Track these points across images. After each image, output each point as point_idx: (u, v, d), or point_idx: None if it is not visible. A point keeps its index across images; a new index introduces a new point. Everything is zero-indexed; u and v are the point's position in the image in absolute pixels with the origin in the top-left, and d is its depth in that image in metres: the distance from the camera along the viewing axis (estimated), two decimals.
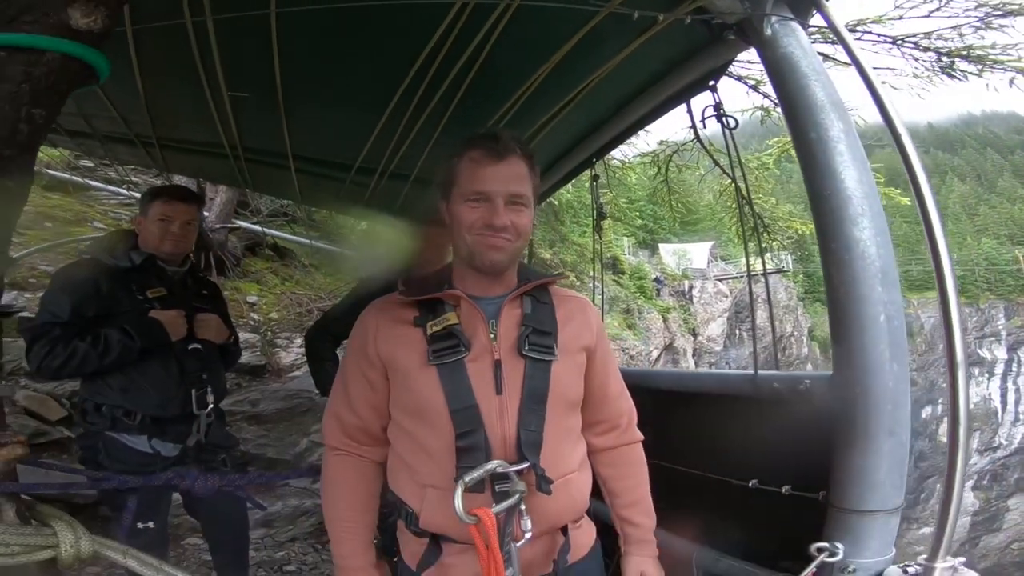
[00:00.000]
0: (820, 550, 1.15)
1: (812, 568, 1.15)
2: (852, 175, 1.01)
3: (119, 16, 0.91)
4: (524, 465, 1.08)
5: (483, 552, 1.02)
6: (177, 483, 1.84)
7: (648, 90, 1.83)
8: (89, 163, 5.98)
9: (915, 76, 4.79)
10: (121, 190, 6.07)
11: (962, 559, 1.11)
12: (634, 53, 1.59)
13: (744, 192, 1.65)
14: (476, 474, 1.04)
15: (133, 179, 6.44)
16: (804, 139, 1.07)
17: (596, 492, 1.30)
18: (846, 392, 1.08)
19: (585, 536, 1.26)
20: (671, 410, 1.82)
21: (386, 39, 1.67)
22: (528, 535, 1.07)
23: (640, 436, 1.35)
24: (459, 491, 1.01)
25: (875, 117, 1.12)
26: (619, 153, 6.46)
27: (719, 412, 1.65)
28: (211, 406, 2.19)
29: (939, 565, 1.06)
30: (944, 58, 4.60)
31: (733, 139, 1.56)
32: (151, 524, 1.98)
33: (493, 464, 1.06)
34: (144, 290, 2.08)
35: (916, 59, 4.72)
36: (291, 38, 1.67)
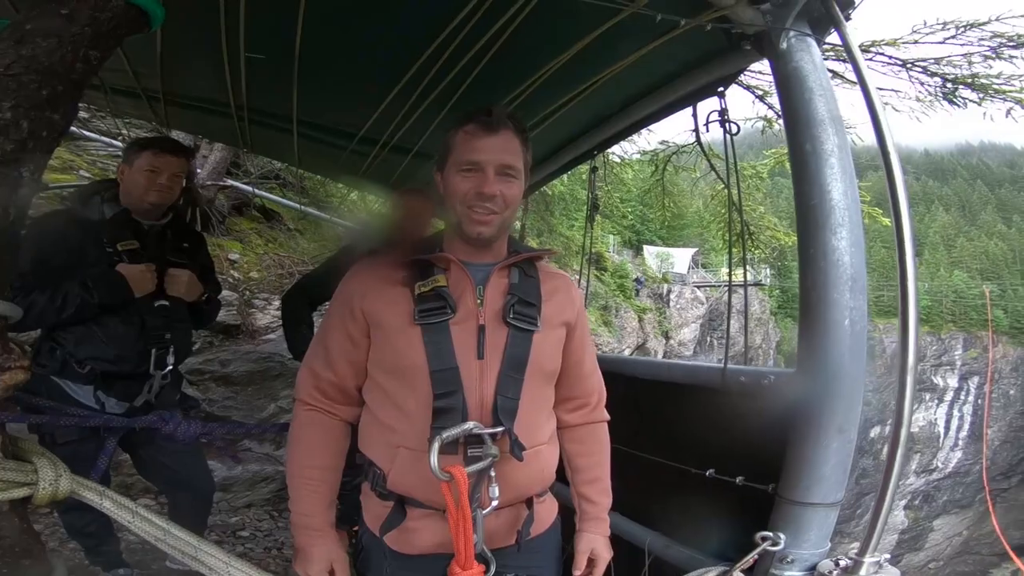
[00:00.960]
0: (763, 539, 1.22)
1: (753, 556, 1.23)
2: (839, 188, 1.10)
3: None
4: (500, 429, 1.11)
5: (452, 511, 1.04)
6: (160, 426, 1.85)
7: (657, 90, 1.88)
8: (83, 113, 5.83)
9: (918, 99, 4.83)
10: (115, 141, 5.93)
11: (887, 555, 1.20)
12: (649, 53, 1.63)
13: (735, 198, 1.73)
14: (453, 432, 1.06)
15: (124, 132, 6.30)
16: (800, 149, 1.16)
17: (560, 475, 1.34)
18: (806, 389, 1.17)
19: (547, 512, 1.30)
20: (640, 398, 1.89)
21: (410, 14, 1.69)
22: (495, 502, 1.10)
23: (607, 416, 1.40)
24: (435, 446, 1.02)
25: (867, 143, 1.19)
26: (618, 149, 6.51)
27: (686, 402, 1.72)
28: (169, 367, 2.14)
29: (867, 560, 1.15)
30: (949, 84, 4.64)
31: (732, 144, 1.63)
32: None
33: (470, 425, 1.08)
34: (115, 242, 2.01)
35: (922, 83, 4.75)
36: (318, 4, 1.69)
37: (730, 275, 2.01)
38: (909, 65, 4.67)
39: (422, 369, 1.12)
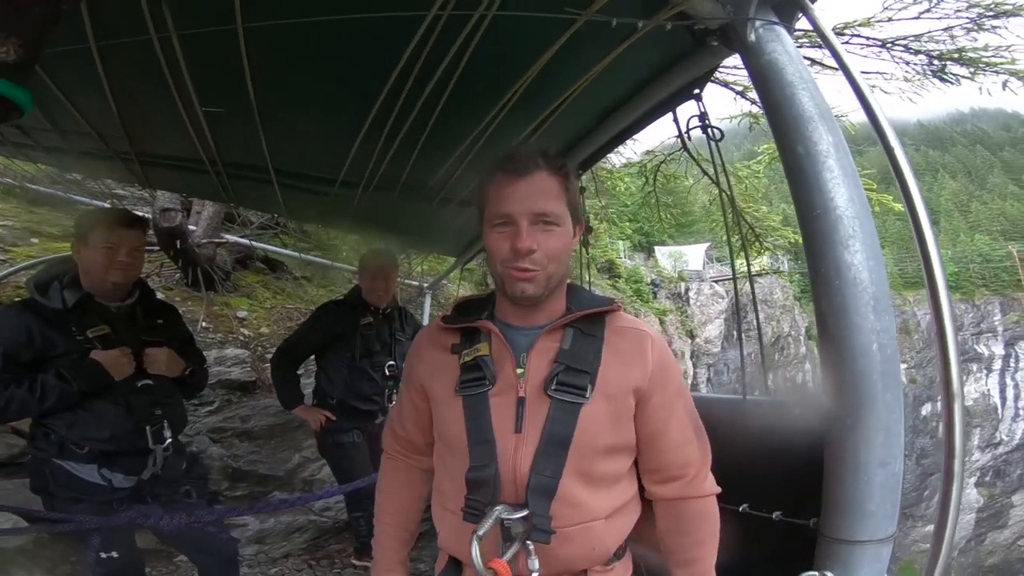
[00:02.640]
0: None
1: None
2: (842, 193, 0.95)
3: (41, 44, 0.83)
4: (523, 513, 1.03)
5: None
6: (141, 522, 1.79)
7: (632, 99, 1.78)
8: (74, 176, 5.91)
9: (906, 79, 4.73)
10: (106, 204, 6.00)
11: None
12: (616, 61, 1.55)
13: (732, 202, 1.59)
14: (486, 525, 1.01)
15: (120, 192, 6.38)
16: (791, 153, 1.02)
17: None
18: (836, 422, 1.02)
19: None
20: None
21: (359, 52, 1.62)
22: (535, 575, 1.03)
23: (713, 489, 1.18)
24: (475, 545, 0.99)
25: (865, 119, 1.07)
26: (606, 162, 6.41)
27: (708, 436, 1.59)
28: (168, 440, 2.10)
29: None
30: (936, 61, 4.54)
31: (719, 150, 1.50)
32: (114, 554, 1.93)
33: (498, 510, 1.03)
34: (84, 329, 1.97)
35: (907, 62, 4.66)
36: (261, 52, 1.62)
37: (735, 284, 1.85)
38: (888, 45, 4.56)
39: (462, 440, 1.10)
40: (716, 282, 27.50)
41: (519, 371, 1.10)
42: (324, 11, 1.36)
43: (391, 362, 3.13)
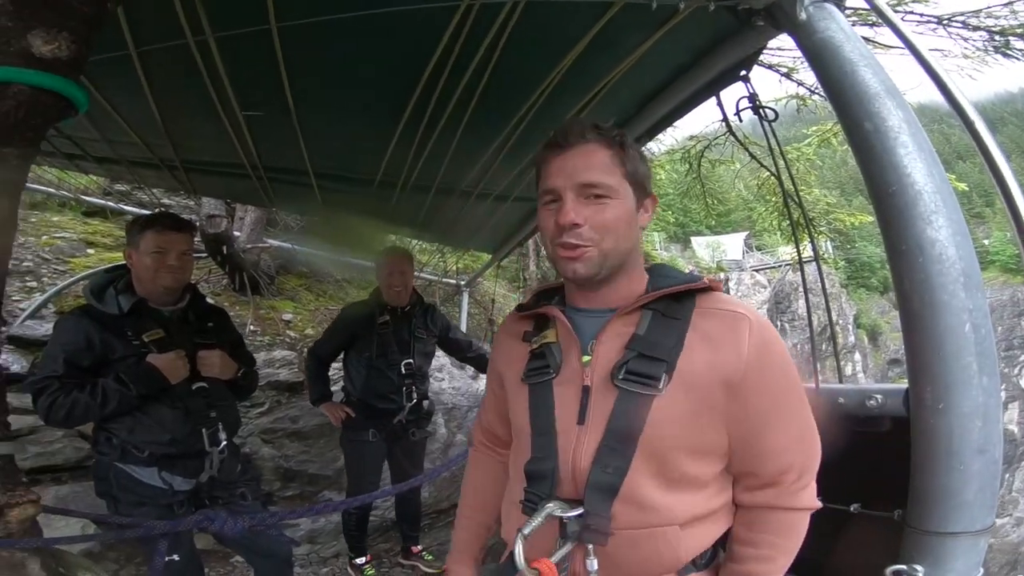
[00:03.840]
0: (897, 573, 1.04)
1: None
2: (920, 168, 0.87)
3: (91, 42, 0.84)
4: (577, 512, 0.94)
5: None
6: (206, 526, 1.81)
7: (674, 84, 1.72)
8: (123, 187, 6.14)
9: (965, 57, 4.44)
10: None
11: None
12: (656, 45, 1.49)
13: (791, 186, 1.51)
14: (535, 523, 0.95)
15: (165, 201, 6.61)
16: (859, 130, 0.94)
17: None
18: (926, 408, 0.95)
19: None
20: None
21: (393, 48, 1.60)
22: (560, 553, 0.95)
23: (812, 503, 1.00)
24: (519, 543, 0.94)
25: (921, 100, 0.99)
26: (647, 150, 6.28)
27: None
28: (224, 442, 2.13)
29: None
30: (998, 37, 4.25)
31: (773, 132, 1.42)
32: (175, 557, 1.97)
33: (549, 507, 0.95)
34: (140, 334, 2.00)
35: (965, 39, 4.37)
36: (296, 53, 1.62)
37: (802, 270, 1.76)
38: (945, 21, 4.28)
39: (527, 430, 1.06)
40: (757, 271, 26.77)
41: (585, 359, 1.01)
42: (356, 7, 1.35)
43: (408, 360, 3.13)
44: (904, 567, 1.02)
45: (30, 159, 0.89)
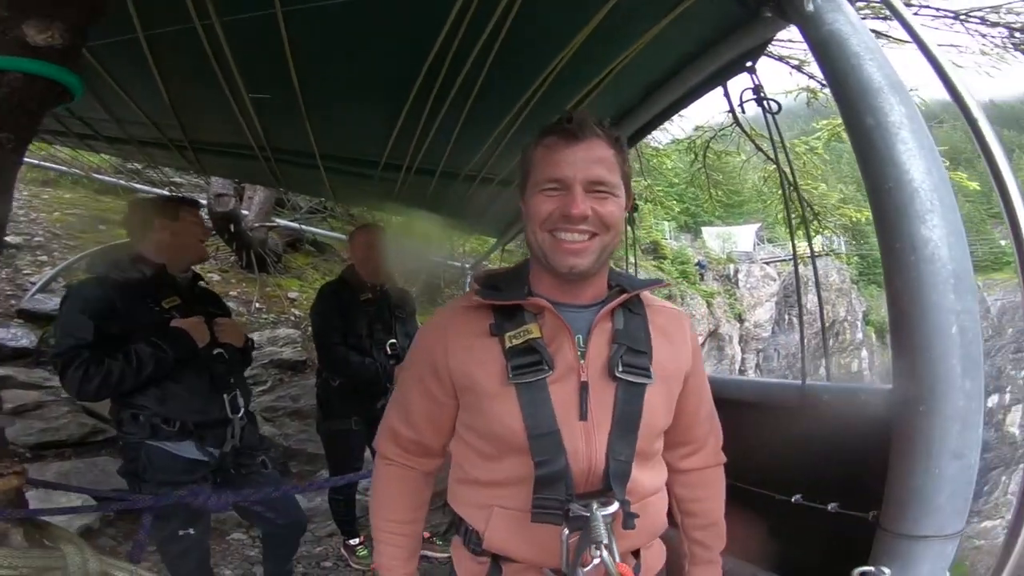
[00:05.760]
0: (864, 575, 1.05)
1: None
2: (919, 165, 0.86)
3: (85, 30, 0.85)
4: (615, 507, 0.97)
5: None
6: (190, 501, 1.82)
7: (680, 73, 1.69)
8: (137, 165, 6.19)
9: (983, 53, 4.34)
10: (164, 192, 6.28)
11: None
12: (662, 34, 1.47)
13: (790, 179, 1.49)
14: (600, 530, 0.94)
15: (177, 180, 6.65)
16: (860, 126, 0.93)
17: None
18: (906, 409, 0.95)
19: (655, 558, 1.16)
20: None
21: (396, 33, 1.60)
22: (596, 560, 0.96)
23: (723, 458, 1.24)
24: (604, 554, 0.94)
25: (933, 96, 0.98)
26: (652, 139, 6.20)
27: (762, 422, 1.52)
28: (243, 409, 2.17)
29: None
30: (1017, 33, 4.14)
31: (776, 125, 1.41)
32: (191, 531, 1.98)
33: (595, 509, 0.95)
34: (159, 301, 2.04)
35: (983, 35, 4.27)
36: (302, 36, 1.62)
37: (795, 264, 1.75)
38: (963, 16, 4.17)
39: (519, 434, 0.99)
40: (767, 264, 26.56)
41: (579, 353, 1.01)
42: None
43: (392, 340, 3.02)
44: (871, 569, 1.03)
45: (26, 142, 0.90)
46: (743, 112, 1.50)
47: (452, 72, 1.77)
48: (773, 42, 1.64)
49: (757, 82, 1.43)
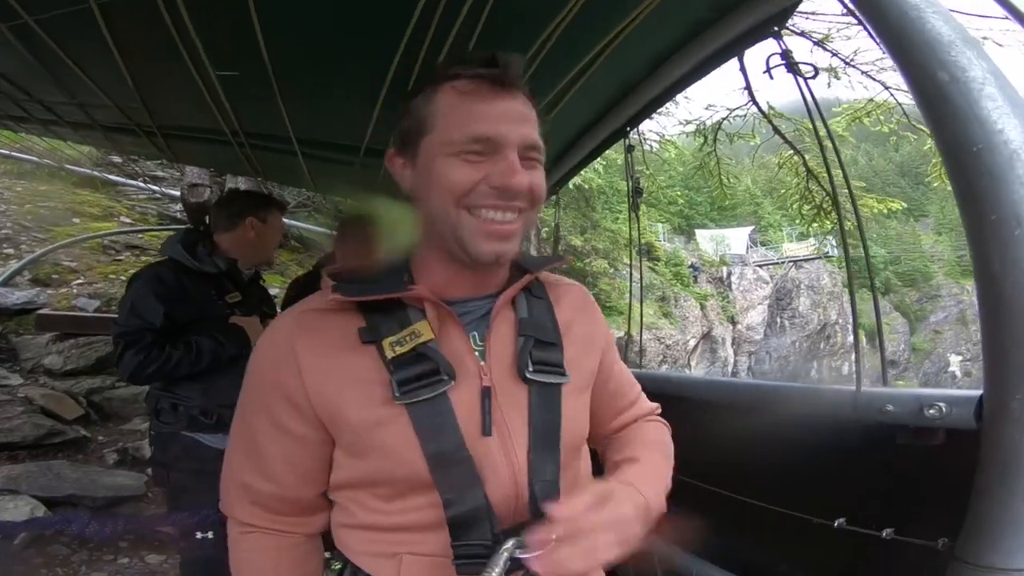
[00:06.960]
0: None
1: None
2: (1013, 124, 0.69)
3: None
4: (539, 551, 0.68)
5: None
6: (62, 527, 1.83)
7: (691, 43, 1.53)
8: (117, 159, 6.00)
9: None
10: (151, 186, 6.08)
11: None
12: None
13: (831, 154, 1.33)
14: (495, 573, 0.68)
15: (159, 173, 6.44)
16: (931, 81, 0.75)
17: None
18: (1006, 420, 0.77)
19: None
20: (733, 428, 1.56)
21: (372, 5, 1.42)
22: None
23: (656, 406, 1.05)
24: None
25: None
26: (656, 127, 6.01)
27: (804, 437, 1.35)
28: None
29: None
30: None
31: (812, 93, 1.23)
32: (209, 535, 1.92)
33: (508, 548, 0.69)
34: (222, 295, 2.09)
35: None
36: (271, 8, 1.44)
37: (846, 250, 1.61)
38: None
39: (415, 466, 0.75)
40: (760, 266, 26.68)
41: (476, 354, 0.80)
42: None
43: None
44: None
45: None
46: (771, 78, 1.32)
47: (434, 46, 1.57)
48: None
49: (784, 47, 1.25)
